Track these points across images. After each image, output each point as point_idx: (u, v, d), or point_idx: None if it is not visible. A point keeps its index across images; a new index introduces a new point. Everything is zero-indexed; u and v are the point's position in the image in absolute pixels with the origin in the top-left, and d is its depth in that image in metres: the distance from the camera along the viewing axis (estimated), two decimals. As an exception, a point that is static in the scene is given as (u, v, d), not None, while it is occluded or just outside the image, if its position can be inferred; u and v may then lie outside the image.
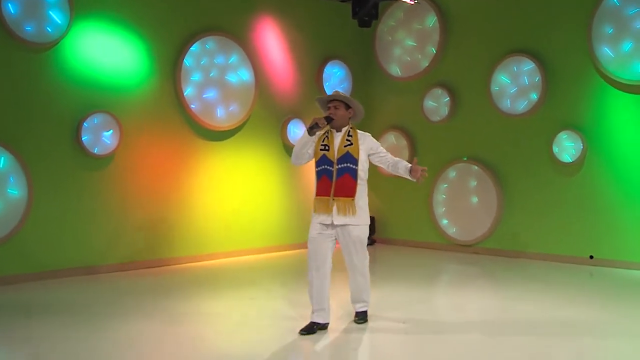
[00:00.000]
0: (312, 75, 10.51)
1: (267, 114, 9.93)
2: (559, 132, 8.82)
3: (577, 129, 8.68)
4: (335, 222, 5.55)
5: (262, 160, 9.91)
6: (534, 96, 9.09)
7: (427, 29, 10.27)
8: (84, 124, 8.09)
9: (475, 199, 9.77)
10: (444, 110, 10.07)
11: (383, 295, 6.96)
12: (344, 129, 5.67)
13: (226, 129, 9.41)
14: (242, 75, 9.56)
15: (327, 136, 5.68)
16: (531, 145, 9.19)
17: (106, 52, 8.36)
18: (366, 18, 9.91)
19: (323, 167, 5.63)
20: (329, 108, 5.68)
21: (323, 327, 5.63)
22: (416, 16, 10.37)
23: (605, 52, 8.44)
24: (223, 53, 9.37)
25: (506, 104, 9.39)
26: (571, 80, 8.80)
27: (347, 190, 5.56)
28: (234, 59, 9.48)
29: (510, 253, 9.37)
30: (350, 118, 5.74)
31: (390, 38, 10.70)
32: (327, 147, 5.63)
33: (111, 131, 8.33)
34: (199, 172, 9.22)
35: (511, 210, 9.41)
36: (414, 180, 5.63)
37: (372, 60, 10.93)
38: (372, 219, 10.48)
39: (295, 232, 10.24)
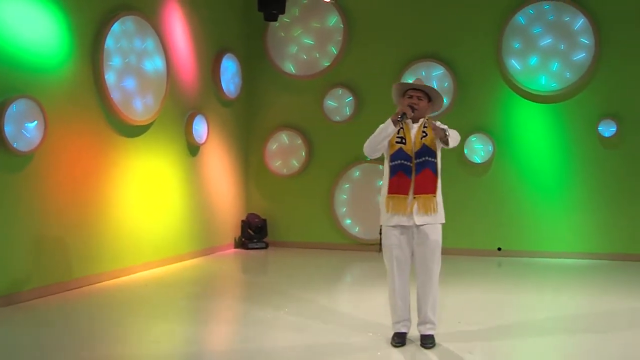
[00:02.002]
0: (209, 68, 9.73)
1: (174, 109, 8.91)
2: (469, 135, 9.52)
3: (487, 132, 9.48)
4: (417, 223, 5.13)
5: (170, 160, 8.87)
6: (445, 100, 9.64)
7: (327, 29, 10.20)
8: (6, 111, 6.40)
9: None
10: (347, 111, 10.12)
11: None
12: (421, 121, 5.23)
13: (142, 123, 8.22)
14: (156, 63, 8.46)
15: (402, 127, 5.18)
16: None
17: (21, 21, 6.61)
18: (274, 12, 9.50)
19: (399, 161, 5.15)
20: (410, 97, 5.17)
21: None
22: (315, 15, 10.24)
23: (513, 64, 9.37)
24: (140, 36, 8.17)
25: (414, 107, 9.81)
26: (481, 87, 9.57)
27: (428, 187, 5.15)
28: (149, 44, 8.33)
29: (418, 249, 9.81)
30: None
31: (283, 34, 10.38)
32: (403, 140, 5.15)
33: (35, 122, 6.71)
34: (118, 174, 7.87)
35: (420, 208, 9.85)
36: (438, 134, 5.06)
37: (263, 56, 10.49)
38: (264, 221, 10.23)
39: (202, 237, 9.48)
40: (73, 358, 4.96)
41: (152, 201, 8.46)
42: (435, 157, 5.21)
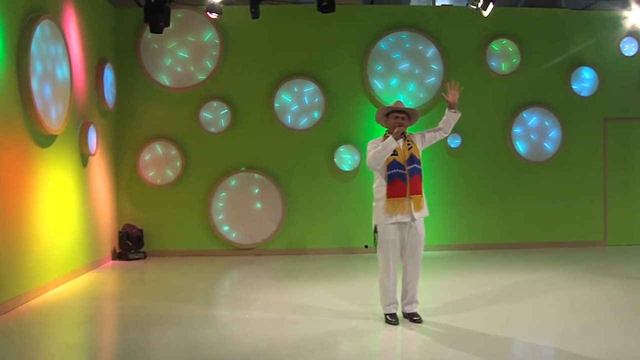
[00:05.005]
0: (93, 77, 9.49)
1: (72, 118, 8.59)
2: (338, 145, 10.64)
3: (354, 144, 10.67)
4: (415, 217, 6.14)
5: (70, 171, 8.53)
6: (316, 114, 10.66)
7: (202, 43, 10.55)
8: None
9: (259, 205, 10.62)
10: (222, 122, 10.55)
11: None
12: (404, 136, 6.28)
13: (55, 132, 7.86)
14: (64, 70, 8.14)
15: None
16: (313, 157, 10.72)
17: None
18: (161, 24, 9.61)
19: (395, 170, 6.16)
20: (396, 117, 6.25)
21: (394, 316, 6.32)
22: (189, 28, 10.53)
23: (376, 84, 10.73)
24: (53, 41, 7.82)
25: (287, 120, 10.64)
26: (348, 104, 10.75)
27: (418, 188, 6.20)
28: (59, 49, 8.01)
29: (294, 251, 10.65)
30: None
31: (156, 46, 10.46)
32: (396, 153, 6.21)
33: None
34: (34, 187, 7.46)
35: (295, 213, 10.69)
36: (453, 101, 6.45)
37: (137, 68, 10.45)
38: (140, 231, 10.26)
39: (91, 250, 9.33)
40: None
41: (58, 215, 8.11)
42: (420, 164, 6.29)
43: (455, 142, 10.83)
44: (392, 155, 6.18)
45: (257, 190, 10.67)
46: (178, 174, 10.55)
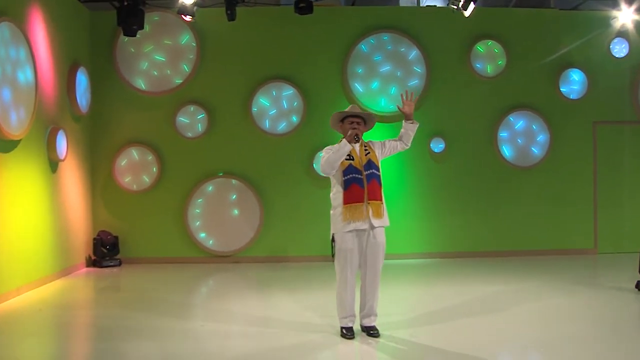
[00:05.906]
0: (64, 81, 9.31)
1: (38, 123, 8.40)
2: (317, 150, 10.37)
3: (334, 149, 10.38)
4: (374, 225, 5.86)
5: (36, 177, 8.35)
6: (294, 118, 10.41)
7: (179, 46, 10.35)
8: None
9: (236, 212, 10.38)
10: (199, 127, 10.34)
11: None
12: (361, 141, 6.02)
13: (16, 138, 7.68)
14: (27, 74, 7.95)
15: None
16: (292, 162, 10.47)
17: None
18: (135, 27, 9.41)
19: (352, 175, 5.87)
20: (351, 122, 5.98)
21: (352, 329, 6.02)
22: (166, 32, 10.33)
23: (357, 87, 10.46)
24: (14, 44, 7.64)
25: (265, 124, 10.40)
26: (327, 107, 10.42)
27: (377, 195, 5.91)
28: (21, 53, 7.82)
29: (272, 259, 10.41)
30: None
31: (132, 50, 10.26)
32: (352, 157, 5.92)
33: None
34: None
35: (273, 219, 10.45)
36: (409, 112, 6.15)
37: (112, 72, 10.27)
38: (115, 238, 10.05)
39: (62, 257, 9.11)
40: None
41: (22, 221, 7.93)
42: (378, 170, 6.00)
43: (438, 146, 10.54)
44: (347, 160, 5.88)
45: (234, 197, 10.43)
46: (154, 180, 10.34)
